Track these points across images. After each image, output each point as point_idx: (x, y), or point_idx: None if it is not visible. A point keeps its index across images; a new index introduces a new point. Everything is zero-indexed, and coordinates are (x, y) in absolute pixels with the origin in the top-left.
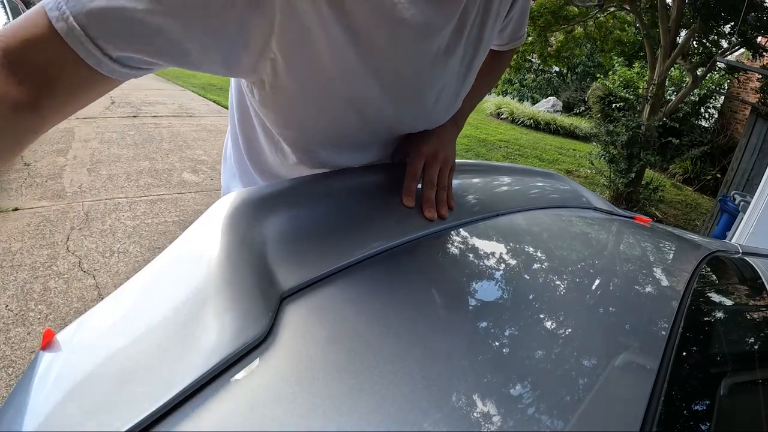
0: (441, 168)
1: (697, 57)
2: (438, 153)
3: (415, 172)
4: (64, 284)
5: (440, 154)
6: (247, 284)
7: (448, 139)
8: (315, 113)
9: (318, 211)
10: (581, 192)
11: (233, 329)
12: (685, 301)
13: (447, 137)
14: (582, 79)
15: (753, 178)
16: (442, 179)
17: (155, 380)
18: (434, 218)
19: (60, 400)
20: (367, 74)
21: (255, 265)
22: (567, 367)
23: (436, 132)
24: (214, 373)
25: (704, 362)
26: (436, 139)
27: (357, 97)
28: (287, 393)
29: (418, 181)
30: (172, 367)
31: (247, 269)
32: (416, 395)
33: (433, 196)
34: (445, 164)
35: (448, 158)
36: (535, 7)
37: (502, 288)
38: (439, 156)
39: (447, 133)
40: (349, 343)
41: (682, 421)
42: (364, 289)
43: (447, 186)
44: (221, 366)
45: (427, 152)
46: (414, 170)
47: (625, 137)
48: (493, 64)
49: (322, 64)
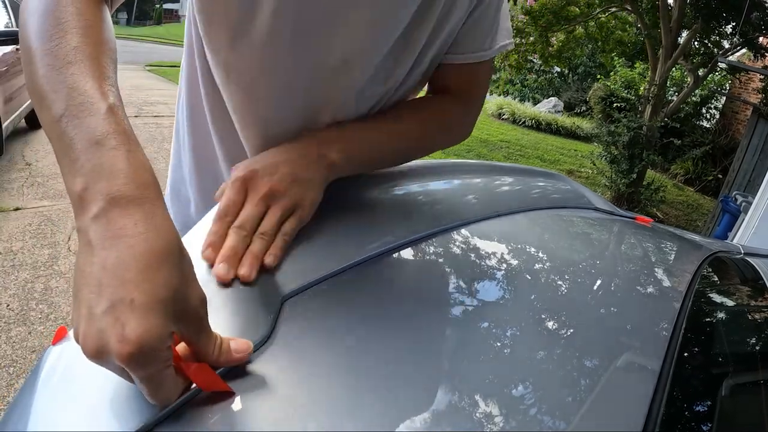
0: (274, 206)
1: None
2: (277, 181)
3: (226, 206)
4: (65, 284)
5: (280, 184)
6: (247, 287)
7: (306, 168)
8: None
9: (318, 212)
10: (582, 192)
11: (235, 332)
12: (686, 302)
13: (304, 164)
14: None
15: (754, 179)
16: (269, 223)
17: None
18: (227, 278)
19: (68, 399)
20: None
21: None
22: (569, 368)
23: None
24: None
25: (706, 363)
26: (285, 162)
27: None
28: (289, 395)
29: (231, 218)
30: None
31: None
32: (417, 396)
33: (240, 245)
34: (284, 204)
35: (293, 196)
36: (537, 7)
37: (504, 289)
38: (277, 186)
39: (307, 158)
40: (350, 345)
41: (685, 422)
42: (364, 292)
43: (280, 233)
44: (225, 367)
45: (253, 174)
46: (226, 202)
47: (627, 138)
48: (438, 108)
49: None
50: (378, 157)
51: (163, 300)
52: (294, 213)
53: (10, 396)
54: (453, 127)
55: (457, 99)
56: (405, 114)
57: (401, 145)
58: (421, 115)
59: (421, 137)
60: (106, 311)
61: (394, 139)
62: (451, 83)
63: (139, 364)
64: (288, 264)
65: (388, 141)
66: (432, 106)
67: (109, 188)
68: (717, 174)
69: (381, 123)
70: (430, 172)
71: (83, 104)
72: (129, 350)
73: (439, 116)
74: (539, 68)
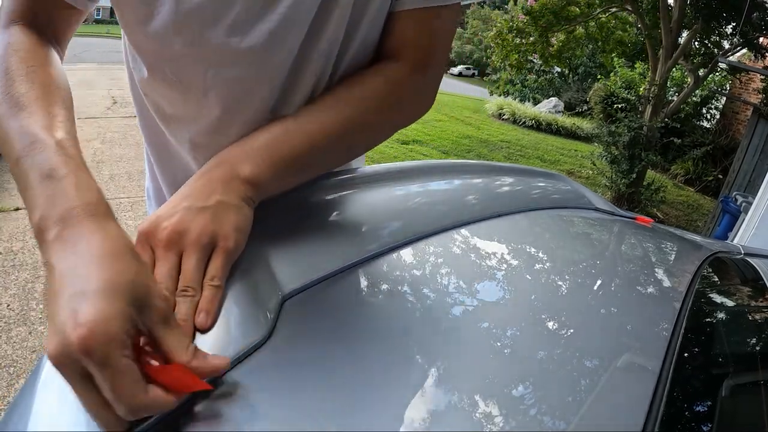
0: (186, 251)
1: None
2: (177, 221)
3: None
4: None
5: (180, 222)
6: (248, 286)
7: (211, 193)
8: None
9: (319, 212)
10: (583, 192)
11: (236, 331)
12: (687, 302)
13: (209, 191)
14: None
15: (755, 179)
16: (187, 274)
17: None
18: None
19: (67, 399)
20: None
21: (256, 268)
22: (569, 368)
23: (196, 184)
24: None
25: (706, 363)
26: (186, 198)
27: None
28: (289, 394)
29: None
30: None
31: (249, 271)
32: (417, 396)
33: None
34: (195, 243)
35: (203, 229)
36: (537, 7)
37: (504, 289)
38: (178, 225)
39: (212, 184)
40: (350, 345)
41: (684, 422)
42: (365, 291)
43: (207, 280)
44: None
45: (152, 225)
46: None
47: (627, 138)
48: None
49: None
50: (311, 159)
51: (118, 284)
52: (216, 248)
53: (11, 396)
54: (405, 101)
55: (409, 63)
56: (338, 99)
57: (338, 139)
58: (361, 95)
59: (364, 123)
60: (62, 309)
61: (328, 134)
62: (403, 40)
63: (93, 349)
64: (288, 263)
65: (321, 138)
66: (374, 80)
67: (60, 213)
68: (717, 174)
69: (309, 118)
70: (430, 172)
71: (34, 143)
72: (81, 333)
73: (386, 91)
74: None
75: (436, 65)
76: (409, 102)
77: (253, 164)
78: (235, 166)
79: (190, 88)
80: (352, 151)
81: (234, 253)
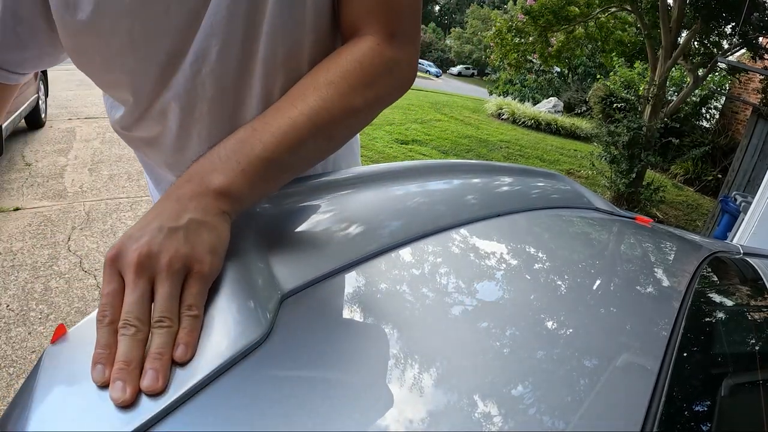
0: (158, 277)
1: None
2: (146, 244)
3: (103, 304)
4: (65, 284)
5: (150, 246)
6: (247, 285)
7: (182, 212)
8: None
9: (318, 211)
10: (582, 192)
11: (235, 330)
12: (686, 302)
13: (179, 208)
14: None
15: (754, 179)
16: (162, 302)
17: None
18: (128, 401)
19: (67, 398)
20: None
21: (255, 266)
22: (568, 368)
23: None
24: (217, 374)
25: (705, 363)
26: (155, 218)
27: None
28: (288, 393)
29: (112, 317)
30: (176, 368)
31: (248, 270)
32: (416, 396)
33: (134, 350)
34: (167, 267)
35: (174, 251)
36: (537, 6)
37: (503, 289)
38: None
39: (182, 200)
40: (349, 344)
41: (683, 422)
42: (364, 290)
43: (184, 308)
44: (224, 367)
45: (119, 250)
46: (102, 300)
47: (626, 138)
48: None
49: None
50: (287, 156)
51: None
52: (191, 273)
53: (10, 396)
54: (379, 77)
55: (375, 35)
56: (305, 90)
57: (313, 130)
58: (328, 79)
59: (339, 108)
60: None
61: (300, 127)
62: (362, 11)
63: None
64: (287, 263)
65: (294, 132)
66: (339, 61)
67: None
68: (716, 174)
69: (277, 114)
70: (429, 172)
71: None
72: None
73: (355, 70)
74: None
75: (405, 33)
76: (382, 78)
77: (223, 173)
78: (204, 178)
79: (143, 107)
80: (334, 141)
81: (210, 278)
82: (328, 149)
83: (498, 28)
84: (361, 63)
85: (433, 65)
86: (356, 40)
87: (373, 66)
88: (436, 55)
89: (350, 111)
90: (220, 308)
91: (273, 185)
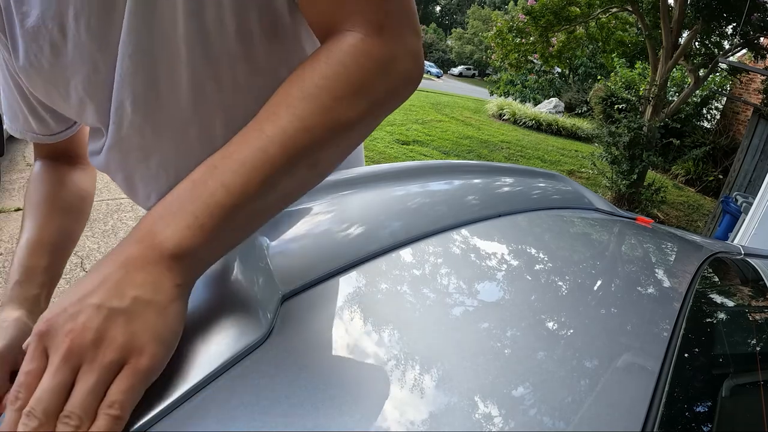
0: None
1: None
2: (81, 328)
3: (19, 384)
4: (66, 284)
5: (84, 332)
6: (247, 286)
7: (127, 286)
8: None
9: (319, 212)
10: (583, 193)
11: (235, 331)
12: (687, 303)
13: (125, 281)
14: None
15: (755, 180)
16: (77, 398)
17: (161, 381)
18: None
19: None
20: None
21: (255, 267)
22: (569, 368)
23: (107, 268)
24: (217, 374)
25: (706, 364)
26: (94, 291)
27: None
28: (287, 394)
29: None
30: (176, 369)
31: (248, 270)
32: (416, 396)
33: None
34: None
35: (111, 343)
36: (537, 7)
37: (504, 289)
38: (80, 336)
39: (129, 268)
40: (349, 344)
41: (684, 422)
42: (364, 290)
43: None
44: (224, 367)
45: (49, 325)
46: (19, 378)
47: (627, 138)
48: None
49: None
50: (258, 196)
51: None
52: (126, 365)
53: None
54: (371, 79)
55: (356, 30)
56: (275, 109)
57: (289, 158)
58: (303, 93)
59: (321, 127)
60: None
61: (272, 157)
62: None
63: None
64: (287, 263)
65: (264, 164)
66: (316, 68)
67: None
68: (717, 174)
69: (241, 146)
70: (430, 173)
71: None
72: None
73: (337, 75)
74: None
75: (396, 20)
76: (376, 80)
77: (177, 231)
78: (156, 238)
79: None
80: (320, 167)
81: (148, 373)
82: (313, 179)
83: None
84: (346, 66)
85: (434, 66)
86: (335, 38)
87: (362, 68)
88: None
89: (338, 127)
90: (220, 308)
91: (243, 234)
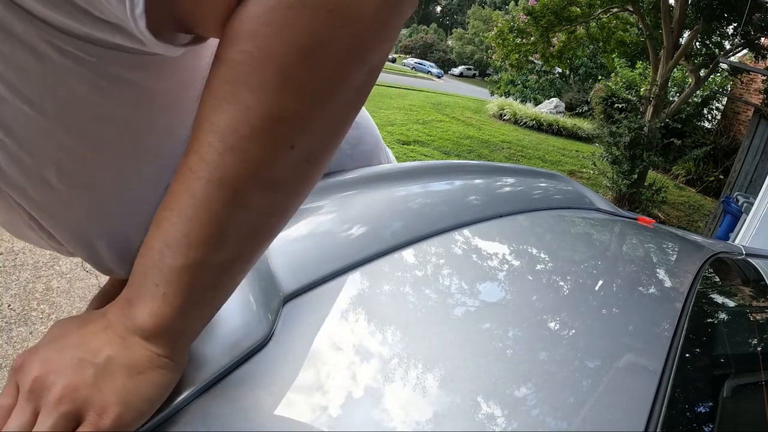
0: (44, 409)
1: (700, 58)
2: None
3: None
4: (66, 284)
5: (47, 376)
6: (249, 287)
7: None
8: None
9: (320, 212)
10: (584, 193)
11: (237, 332)
12: (688, 303)
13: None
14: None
15: (756, 180)
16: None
17: None
18: None
19: None
20: None
21: (257, 269)
22: (571, 368)
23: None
24: (220, 375)
25: (708, 364)
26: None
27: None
28: (289, 395)
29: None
30: None
31: (250, 273)
32: (418, 396)
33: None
34: (57, 405)
35: (79, 399)
36: (538, 7)
37: (506, 289)
38: (44, 377)
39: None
40: (349, 345)
41: (686, 422)
42: (366, 292)
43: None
44: (226, 368)
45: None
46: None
47: (628, 138)
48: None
49: None
50: (213, 257)
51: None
52: (84, 422)
53: None
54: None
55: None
56: (192, 146)
57: (232, 204)
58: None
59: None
60: None
61: (208, 212)
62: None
63: None
64: (289, 265)
65: (207, 219)
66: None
67: None
68: (718, 175)
69: (175, 198)
70: (431, 173)
71: None
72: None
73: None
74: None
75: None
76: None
77: (144, 304)
78: (129, 311)
79: None
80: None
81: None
82: (284, 203)
83: (499, 29)
84: (260, 47)
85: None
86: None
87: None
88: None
89: (287, 127)
90: (222, 310)
91: (221, 294)
